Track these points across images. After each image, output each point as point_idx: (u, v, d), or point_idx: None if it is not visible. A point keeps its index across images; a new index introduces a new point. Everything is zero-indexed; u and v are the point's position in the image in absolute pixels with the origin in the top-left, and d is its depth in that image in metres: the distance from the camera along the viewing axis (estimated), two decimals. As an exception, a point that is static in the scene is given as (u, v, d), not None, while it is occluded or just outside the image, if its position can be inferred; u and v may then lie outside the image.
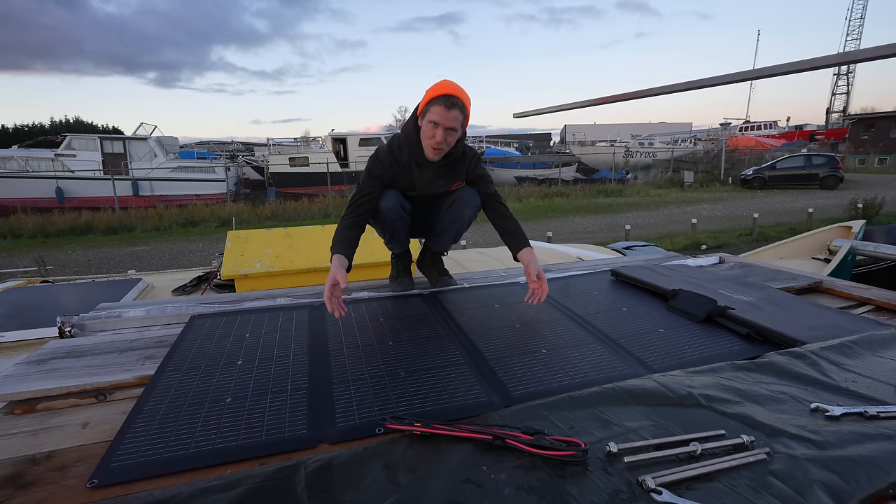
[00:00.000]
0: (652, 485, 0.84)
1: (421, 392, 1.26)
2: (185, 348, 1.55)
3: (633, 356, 1.46)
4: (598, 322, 1.74)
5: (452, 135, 1.85)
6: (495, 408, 1.17)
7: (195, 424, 1.13)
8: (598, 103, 2.62)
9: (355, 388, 1.29)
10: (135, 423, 1.14)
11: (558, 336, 1.62)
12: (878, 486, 0.83)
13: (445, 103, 1.78)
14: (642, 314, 1.82)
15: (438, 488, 0.87)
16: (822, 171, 19.69)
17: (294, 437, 1.08)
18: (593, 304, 1.93)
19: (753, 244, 9.11)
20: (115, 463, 1.00)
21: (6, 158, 17.25)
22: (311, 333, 1.67)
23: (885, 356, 1.36)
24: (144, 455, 1.02)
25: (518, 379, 1.32)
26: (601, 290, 2.13)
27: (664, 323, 1.72)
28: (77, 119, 52.30)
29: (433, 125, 1.81)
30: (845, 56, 2.66)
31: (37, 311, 2.48)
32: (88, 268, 9.31)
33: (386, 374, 1.36)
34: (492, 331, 1.66)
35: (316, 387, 1.30)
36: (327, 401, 1.23)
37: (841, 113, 49.30)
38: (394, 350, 1.52)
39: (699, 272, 2.37)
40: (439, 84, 1.85)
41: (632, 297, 2.01)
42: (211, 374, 1.38)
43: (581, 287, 2.18)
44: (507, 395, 1.24)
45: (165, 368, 1.41)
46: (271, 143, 23.84)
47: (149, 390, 1.29)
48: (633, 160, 28.40)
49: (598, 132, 38.38)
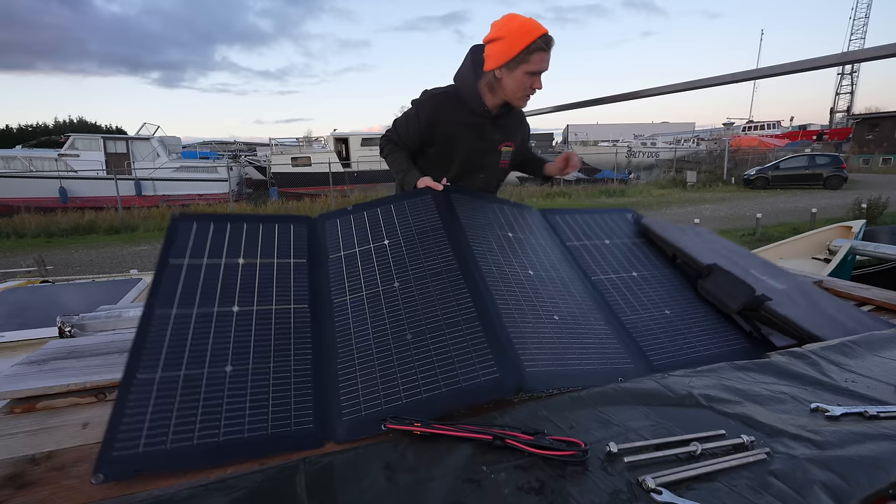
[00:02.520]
0: (652, 485, 0.84)
1: (429, 371, 1.18)
2: (171, 276, 1.35)
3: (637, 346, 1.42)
4: (608, 294, 1.60)
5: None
6: (507, 392, 1.13)
7: (196, 403, 1.08)
8: (599, 103, 2.61)
9: (360, 364, 1.22)
10: (130, 397, 1.08)
11: (570, 308, 1.48)
12: (878, 486, 0.83)
13: (547, 44, 1.53)
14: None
15: (438, 488, 0.87)
16: (825, 171, 19.65)
17: (301, 433, 1.07)
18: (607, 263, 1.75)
19: (756, 244, 9.09)
20: (119, 452, 0.98)
21: (10, 158, 17.35)
22: (310, 260, 1.52)
23: (885, 356, 1.35)
24: (148, 443, 1.00)
25: (529, 352, 1.24)
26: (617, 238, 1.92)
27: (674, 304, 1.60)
28: (81, 119, 52.66)
29: (531, 75, 1.57)
30: (849, 56, 2.65)
31: (37, 311, 2.50)
32: (91, 267, 9.35)
33: (392, 342, 1.26)
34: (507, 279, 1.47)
35: (319, 363, 1.23)
36: (332, 386, 1.19)
37: (845, 112, 49.20)
38: (400, 295, 1.38)
39: (728, 244, 2.10)
40: (520, 22, 1.55)
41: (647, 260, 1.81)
42: (206, 323, 1.26)
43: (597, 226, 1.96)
44: (521, 373, 1.17)
45: (154, 307, 1.26)
46: (274, 142, 23.91)
47: (138, 346, 1.18)
48: (636, 160, 28.38)
49: (600, 132, 38.34)
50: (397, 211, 1.66)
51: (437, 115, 1.72)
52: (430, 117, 1.72)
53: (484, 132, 1.77)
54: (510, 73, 1.60)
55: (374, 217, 1.65)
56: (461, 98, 1.72)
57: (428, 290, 1.38)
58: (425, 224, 1.59)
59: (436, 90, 1.77)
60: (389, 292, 1.39)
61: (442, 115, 1.72)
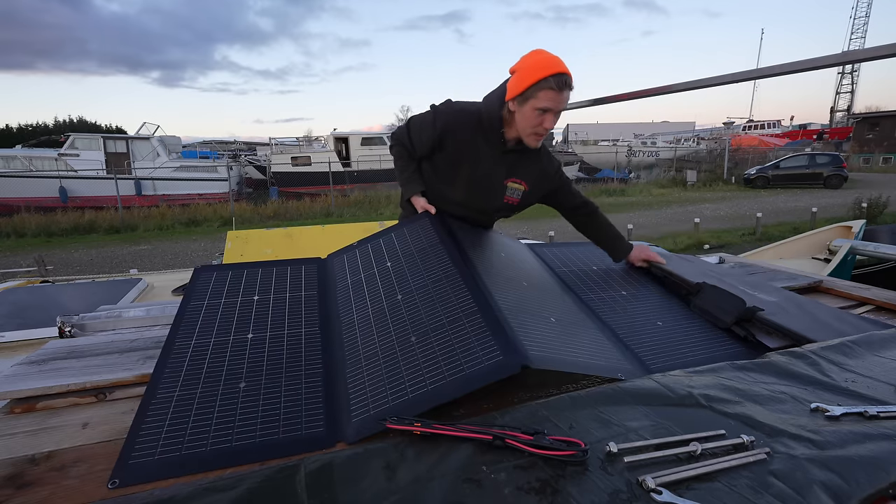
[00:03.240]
0: (652, 485, 0.84)
1: (433, 364, 1.20)
2: (191, 314, 1.48)
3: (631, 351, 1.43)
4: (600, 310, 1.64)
5: (559, 116, 1.59)
6: (511, 369, 1.11)
7: (210, 415, 1.12)
8: (599, 103, 2.62)
9: (367, 369, 1.25)
10: (149, 412, 1.13)
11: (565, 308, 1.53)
12: (878, 486, 0.83)
13: (559, 84, 1.49)
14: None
15: (438, 488, 0.87)
16: (826, 170, 19.66)
17: (311, 436, 1.08)
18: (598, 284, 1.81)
19: (757, 244, 9.10)
20: (135, 460, 1.00)
21: (10, 158, 17.35)
22: (320, 291, 1.60)
23: (885, 356, 1.35)
24: (164, 451, 1.02)
25: (530, 339, 1.24)
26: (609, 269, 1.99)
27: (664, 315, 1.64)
28: (81, 119, 52.62)
29: (541, 112, 1.54)
30: (849, 55, 2.66)
31: (37, 311, 2.49)
32: (91, 267, 9.35)
33: (398, 346, 1.28)
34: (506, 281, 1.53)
35: (329, 373, 1.27)
36: (342, 391, 1.21)
37: (845, 112, 49.18)
38: (403, 305, 1.42)
39: (714, 267, 2.23)
40: (540, 57, 1.53)
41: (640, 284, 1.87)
42: (222, 349, 1.34)
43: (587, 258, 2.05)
44: (522, 352, 1.15)
45: (175, 339, 1.36)
46: (274, 142, 23.91)
47: (159, 371, 1.25)
48: (636, 159, 28.39)
49: (600, 131, 38.36)
50: (398, 237, 1.75)
51: (452, 127, 1.70)
52: (445, 127, 1.70)
53: (491, 159, 1.73)
54: (520, 107, 1.58)
55: (377, 247, 1.75)
56: (480, 119, 1.69)
57: (430, 294, 1.42)
58: (424, 243, 1.65)
59: (459, 103, 1.75)
60: (393, 304, 1.44)
61: (457, 129, 1.70)
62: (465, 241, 1.65)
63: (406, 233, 1.74)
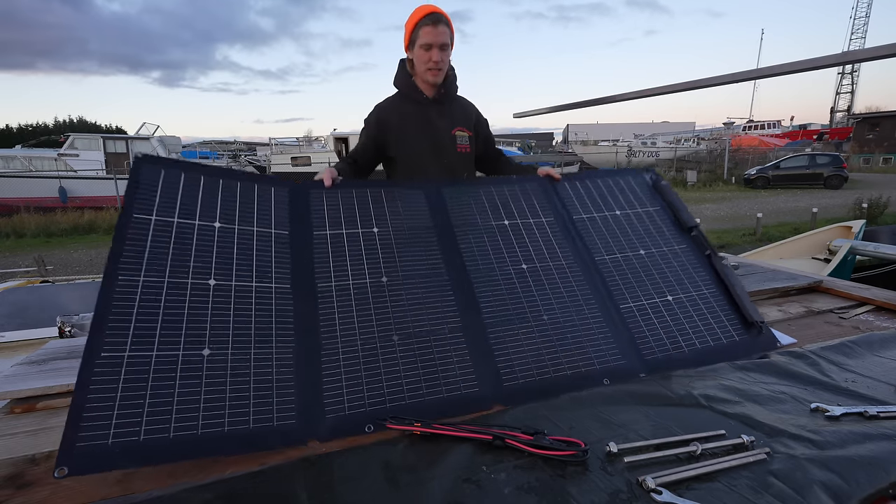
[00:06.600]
0: (652, 485, 0.84)
1: (414, 378, 1.21)
2: (137, 233, 1.21)
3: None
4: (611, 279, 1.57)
5: (446, 51, 1.83)
6: (487, 404, 1.18)
7: (171, 390, 1.02)
8: (599, 103, 2.61)
9: (345, 362, 1.20)
10: (94, 378, 0.98)
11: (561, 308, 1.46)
12: (878, 486, 0.83)
13: (432, 20, 1.77)
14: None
15: (438, 488, 0.87)
16: (826, 170, 19.63)
17: (283, 429, 1.05)
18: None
19: (757, 244, 9.09)
20: (85, 443, 0.91)
21: (10, 158, 17.35)
22: (292, 233, 1.42)
23: (885, 356, 1.35)
24: (119, 435, 0.94)
25: (511, 363, 1.28)
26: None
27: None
28: (80, 119, 52.65)
29: (426, 48, 1.79)
30: (849, 55, 2.65)
31: (37, 311, 2.49)
32: (91, 267, 9.34)
33: (379, 343, 1.25)
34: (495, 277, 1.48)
35: (303, 355, 1.19)
36: (315, 380, 1.16)
37: (845, 112, 49.14)
38: (388, 292, 1.36)
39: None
40: (416, 9, 1.82)
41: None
42: (180, 297, 1.14)
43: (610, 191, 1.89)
44: (500, 387, 1.23)
45: (118, 271, 1.13)
46: (273, 142, 23.89)
47: (101, 316, 1.05)
48: (636, 160, 28.34)
49: (600, 132, 38.38)
50: (388, 199, 1.61)
51: (385, 114, 1.91)
52: (379, 117, 1.91)
53: (430, 118, 1.93)
54: (413, 53, 1.84)
55: (363, 199, 1.59)
56: (401, 94, 1.94)
57: (416, 291, 1.39)
58: (415, 219, 1.57)
59: (382, 102, 1.97)
60: (377, 287, 1.37)
61: (389, 113, 1.91)
62: (459, 219, 1.60)
63: (397, 196, 1.62)
